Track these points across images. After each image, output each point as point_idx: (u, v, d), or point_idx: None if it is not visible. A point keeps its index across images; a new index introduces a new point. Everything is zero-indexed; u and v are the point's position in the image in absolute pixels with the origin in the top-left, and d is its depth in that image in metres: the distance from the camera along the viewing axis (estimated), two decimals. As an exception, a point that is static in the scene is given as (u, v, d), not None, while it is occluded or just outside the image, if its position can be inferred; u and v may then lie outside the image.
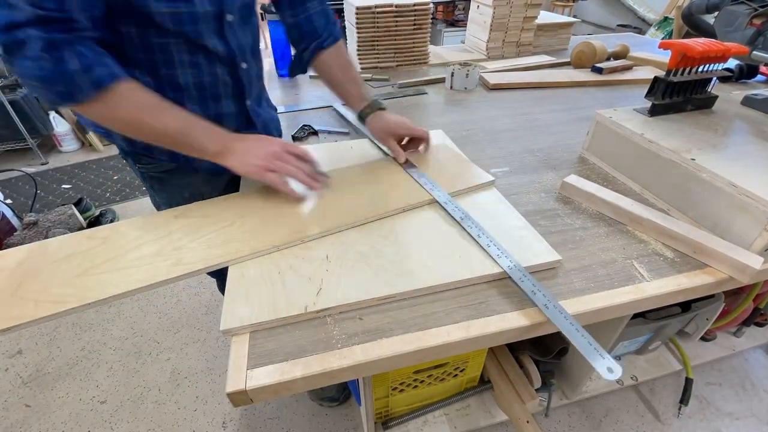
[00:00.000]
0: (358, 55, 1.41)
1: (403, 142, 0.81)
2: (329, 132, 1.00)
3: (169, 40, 0.60)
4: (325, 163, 0.83)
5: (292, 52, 0.83)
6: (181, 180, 0.78)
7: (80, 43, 0.51)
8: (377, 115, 0.78)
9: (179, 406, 1.25)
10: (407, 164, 0.78)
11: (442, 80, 1.34)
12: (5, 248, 0.68)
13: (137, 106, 0.57)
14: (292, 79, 1.38)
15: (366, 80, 1.36)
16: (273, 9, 1.24)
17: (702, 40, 0.75)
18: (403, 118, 0.79)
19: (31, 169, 2.59)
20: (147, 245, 0.60)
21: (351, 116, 1.04)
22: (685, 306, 0.89)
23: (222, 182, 0.82)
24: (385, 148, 0.84)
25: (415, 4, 1.33)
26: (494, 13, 1.43)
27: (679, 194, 0.68)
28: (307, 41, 0.78)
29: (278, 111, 1.14)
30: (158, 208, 0.85)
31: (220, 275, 0.98)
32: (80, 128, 2.82)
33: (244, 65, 0.70)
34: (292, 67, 0.84)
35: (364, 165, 0.80)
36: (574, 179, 0.73)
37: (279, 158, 0.65)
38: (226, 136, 0.64)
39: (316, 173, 0.69)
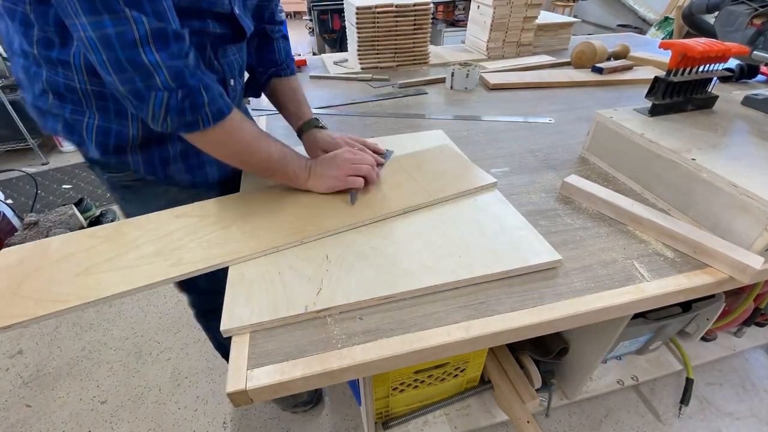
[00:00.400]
0: (359, 55, 1.41)
1: None
2: None
3: None
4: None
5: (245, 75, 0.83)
6: (155, 189, 0.72)
7: (199, 68, 0.53)
8: (310, 133, 0.79)
9: (180, 406, 1.26)
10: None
11: (442, 80, 1.34)
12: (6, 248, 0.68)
13: (249, 135, 0.60)
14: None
15: (366, 80, 1.36)
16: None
17: (702, 40, 0.75)
18: (339, 136, 0.79)
19: (31, 169, 2.59)
20: (147, 245, 0.60)
21: None
22: (686, 306, 0.89)
23: (201, 191, 0.75)
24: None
25: (415, 4, 1.33)
26: (494, 13, 1.43)
27: (680, 194, 0.68)
28: (266, 67, 0.82)
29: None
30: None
31: (192, 290, 0.93)
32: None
33: (232, 82, 0.70)
34: (245, 89, 0.84)
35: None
36: (574, 179, 0.73)
37: (353, 162, 0.69)
38: (309, 162, 0.69)
39: (378, 162, 0.76)
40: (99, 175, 0.73)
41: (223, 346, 1.13)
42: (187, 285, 0.89)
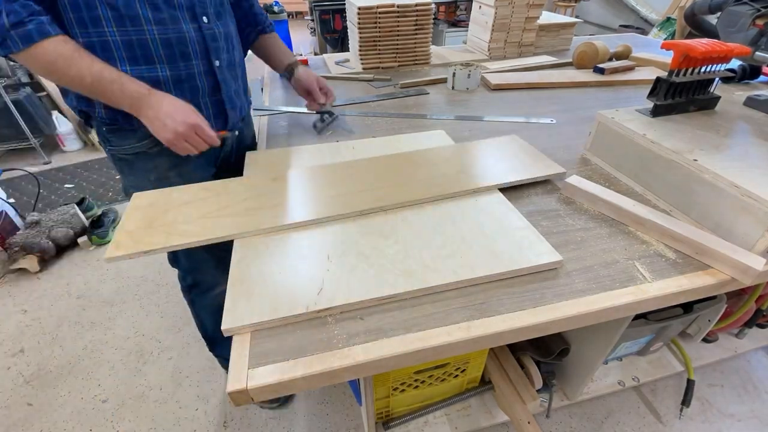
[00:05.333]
0: (360, 55, 1.41)
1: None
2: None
3: None
4: (327, 161, 0.83)
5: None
6: (146, 164, 0.82)
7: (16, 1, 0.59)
8: (295, 73, 0.98)
9: (180, 405, 1.26)
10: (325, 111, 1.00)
11: (443, 80, 1.35)
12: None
13: (55, 57, 0.63)
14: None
15: (368, 80, 1.36)
16: (274, 9, 1.25)
17: (705, 40, 0.75)
18: (314, 75, 0.98)
19: (34, 169, 2.60)
20: (252, 200, 0.69)
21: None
22: (687, 307, 0.89)
23: (188, 169, 0.84)
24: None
25: (417, 5, 1.33)
26: (496, 13, 1.43)
27: (682, 195, 0.68)
28: (252, 27, 0.96)
29: (280, 111, 1.14)
30: (126, 191, 0.86)
31: (179, 266, 1.00)
32: (83, 128, 2.83)
33: (205, 19, 0.74)
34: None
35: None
36: (575, 180, 0.73)
37: (197, 131, 0.72)
38: (142, 99, 0.69)
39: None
40: (105, 151, 0.83)
41: (204, 327, 1.15)
42: (175, 260, 0.97)
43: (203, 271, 0.99)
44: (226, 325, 0.49)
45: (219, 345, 1.21)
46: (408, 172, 0.77)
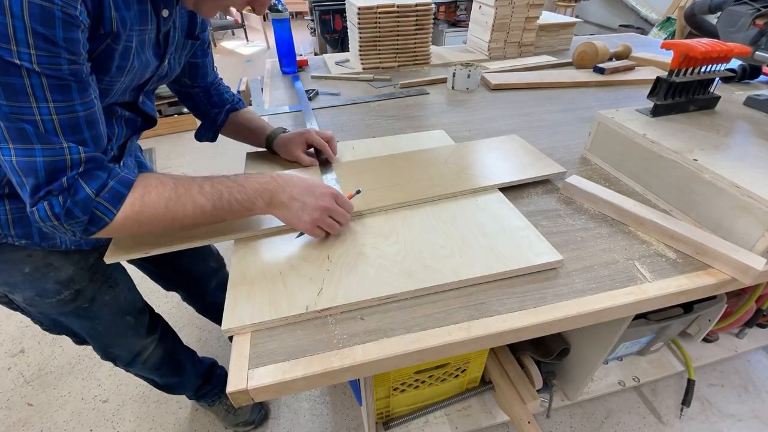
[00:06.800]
0: (360, 55, 1.41)
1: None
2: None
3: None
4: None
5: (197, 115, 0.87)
6: (14, 254, 0.62)
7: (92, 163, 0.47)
8: (280, 137, 0.84)
9: (180, 405, 1.26)
10: (323, 167, 0.80)
11: (443, 80, 1.35)
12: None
13: (163, 202, 0.51)
14: (293, 79, 1.38)
15: (368, 80, 1.36)
16: (278, 7, 1.25)
17: (705, 40, 0.75)
18: (302, 130, 0.83)
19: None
20: None
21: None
22: (688, 307, 0.89)
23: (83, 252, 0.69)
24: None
25: (416, 5, 1.33)
26: (496, 13, 1.43)
27: (682, 195, 0.68)
28: (219, 107, 0.85)
29: (280, 111, 1.14)
30: None
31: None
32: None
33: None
34: (201, 133, 0.87)
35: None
36: (575, 180, 0.73)
37: (330, 213, 0.60)
38: (267, 184, 0.58)
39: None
40: None
41: (153, 383, 1.00)
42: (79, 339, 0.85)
43: (118, 344, 0.85)
44: (227, 325, 0.49)
45: (175, 388, 1.07)
46: (408, 172, 0.77)
